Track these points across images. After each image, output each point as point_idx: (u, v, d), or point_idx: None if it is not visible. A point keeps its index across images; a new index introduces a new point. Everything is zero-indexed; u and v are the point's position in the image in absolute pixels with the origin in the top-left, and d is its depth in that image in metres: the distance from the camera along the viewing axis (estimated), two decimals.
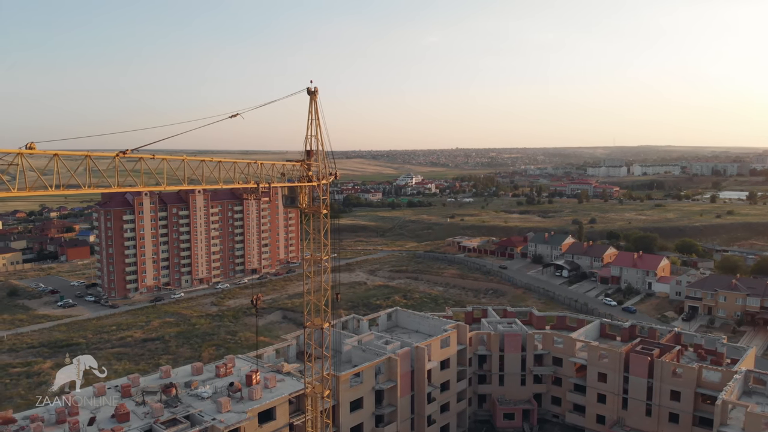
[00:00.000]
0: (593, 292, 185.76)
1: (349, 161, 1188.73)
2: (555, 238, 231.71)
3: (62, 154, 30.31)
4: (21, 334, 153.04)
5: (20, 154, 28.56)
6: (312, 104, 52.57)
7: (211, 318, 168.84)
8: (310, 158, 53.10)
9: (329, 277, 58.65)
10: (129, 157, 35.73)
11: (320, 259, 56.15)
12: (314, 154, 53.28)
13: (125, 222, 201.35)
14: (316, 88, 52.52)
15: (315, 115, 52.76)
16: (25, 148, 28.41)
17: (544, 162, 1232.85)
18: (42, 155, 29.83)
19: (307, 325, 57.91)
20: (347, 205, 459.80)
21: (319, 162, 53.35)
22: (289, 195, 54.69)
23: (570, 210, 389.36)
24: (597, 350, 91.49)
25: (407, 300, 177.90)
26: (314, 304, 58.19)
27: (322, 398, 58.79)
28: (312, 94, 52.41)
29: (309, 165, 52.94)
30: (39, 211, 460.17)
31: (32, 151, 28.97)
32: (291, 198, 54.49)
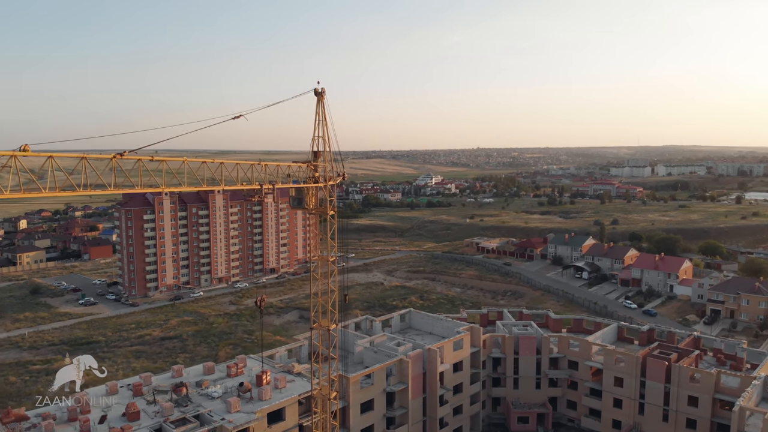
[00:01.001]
0: (613, 294, 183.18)
1: (369, 161, 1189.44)
2: (575, 240, 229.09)
3: (57, 156, 30.54)
4: (42, 332, 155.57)
5: (13, 156, 28.82)
6: (319, 105, 52.34)
7: (228, 317, 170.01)
8: (317, 159, 52.87)
9: (336, 279, 58.34)
10: (127, 158, 35.84)
11: (327, 260, 55.81)
12: (321, 155, 53.02)
13: (146, 221, 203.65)
14: (323, 89, 52.30)
15: (322, 116, 52.51)
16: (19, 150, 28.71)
17: (566, 162, 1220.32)
18: (36, 157, 30.04)
19: (314, 326, 57.73)
20: (366, 205, 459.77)
21: (325, 163, 53.08)
22: (297, 196, 54.54)
23: (592, 211, 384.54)
24: (613, 354, 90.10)
25: (424, 301, 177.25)
26: (321, 306, 57.98)
27: (328, 400, 58.52)
28: (319, 95, 52.18)
29: (316, 166, 52.69)
30: (64, 210, 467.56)
31: (26, 153, 29.19)
32: (298, 199, 54.35)
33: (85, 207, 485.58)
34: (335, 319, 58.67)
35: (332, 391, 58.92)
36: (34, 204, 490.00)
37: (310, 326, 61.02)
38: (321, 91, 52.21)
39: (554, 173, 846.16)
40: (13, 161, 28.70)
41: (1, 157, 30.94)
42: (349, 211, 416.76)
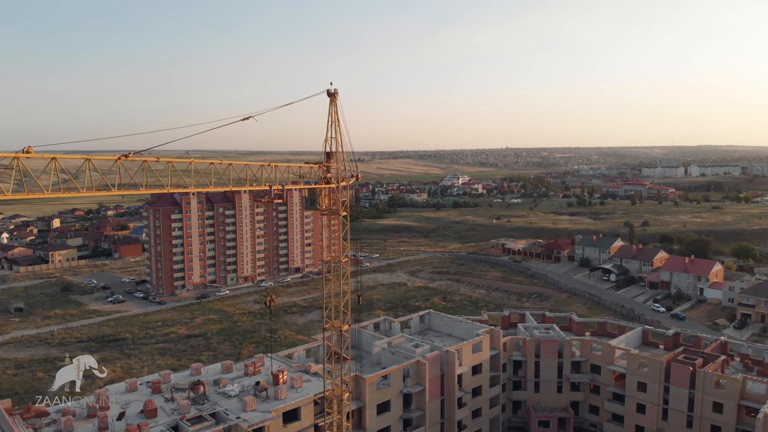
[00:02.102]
0: (641, 297, 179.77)
1: (396, 161, 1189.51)
2: (603, 241, 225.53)
3: (60, 158, 31.06)
4: (71, 329, 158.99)
5: (16, 157, 29.39)
6: (332, 106, 52.29)
7: (253, 316, 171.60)
8: (329, 160, 52.85)
9: (349, 280, 58.30)
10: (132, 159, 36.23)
11: (339, 260, 55.77)
12: (334, 155, 53.00)
13: (173, 221, 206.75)
14: (335, 90, 52.23)
15: (335, 117, 52.44)
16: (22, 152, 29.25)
17: (597, 162, 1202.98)
18: (40, 158, 30.61)
19: (326, 327, 57.78)
20: (392, 205, 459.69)
21: (338, 164, 53.03)
22: (309, 197, 54.64)
23: (622, 212, 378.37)
24: (637, 359, 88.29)
25: (447, 302, 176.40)
26: (334, 306, 57.98)
27: (341, 401, 58.46)
28: (332, 96, 52.13)
29: (328, 167, 52.67)
30: (97, 209, 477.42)
31: (29, 155, 29.72)
32: (311, 200, 54.44)
33: (117, 206, 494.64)
34: (348, 320, 58.57)
35: (345, 392, 58.81)
36: (68, 203, 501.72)
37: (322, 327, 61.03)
38: (334, 92, 52.16)
39: (584, 173, 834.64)
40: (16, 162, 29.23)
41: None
42: (374, 212, 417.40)
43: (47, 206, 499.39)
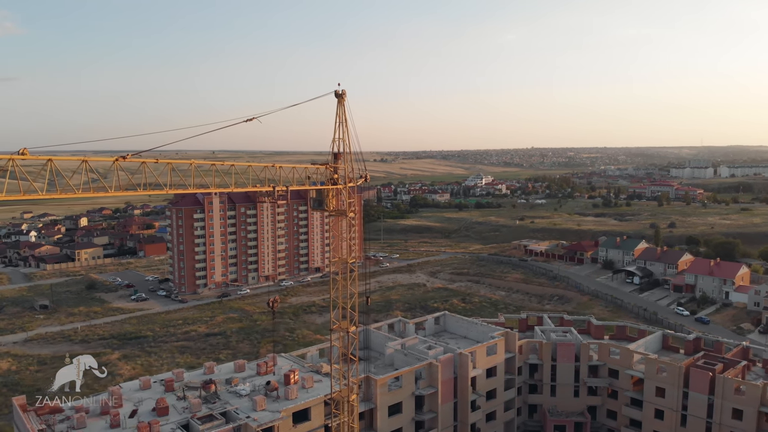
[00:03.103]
0: (665, 300, 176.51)
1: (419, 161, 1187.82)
2: (627, 243, 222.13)
3: (56, 159, 31.38)
4: (94, 326, 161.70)
5: (12, 159, 29.76)
6: (340, 107, 52.11)
7: (272, 315, 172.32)
8: (337, 161, 52.72)
9: (356, 281, 58.16)
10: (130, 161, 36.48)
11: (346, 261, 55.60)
12: (341, 156, 52.85)
13: (196, 220, 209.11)
14: (344, 91, 52.01)
15: (343, 117, 52.26)
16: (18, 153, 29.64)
17: (625, 162, 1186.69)
18: (36, 160, 30.93)
19: (333, 328, 57.71)
20: (414, 205, 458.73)
21: (345, 165, 52.87)
22: (317, 198, 54.57)
23: (649, 213, 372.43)
24: (655, 363, 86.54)
25: (466, 304, 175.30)
26: (341, 308, 57.89)
27: (347, 402, 58.31)
28: (339, 97, 51.91)
29: (335, 168, 52.54)
30: (124, 208, 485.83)
31: (24, 156, 30.06)
32: (318, 201, 54.36)
33: (144, 205, 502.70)
34: (355, 321, 58.43)
35: (352, 393, 58.65)
36: (95, 202, 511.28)
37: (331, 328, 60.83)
38: (341, 93, 51.97)
39: (611, 174, 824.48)
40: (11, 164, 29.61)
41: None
42: (396, 212, 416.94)
43: (76, 205, 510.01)
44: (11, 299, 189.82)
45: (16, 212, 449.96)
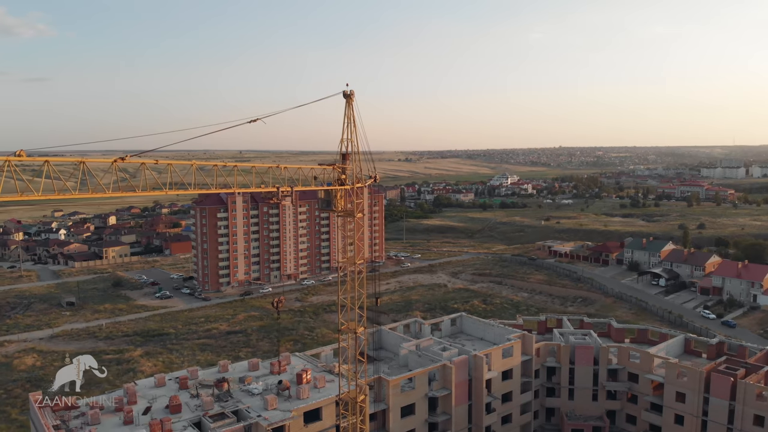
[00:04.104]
0: (691, 303, 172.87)
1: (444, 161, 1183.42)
2: (653, 245, 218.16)
3: (53, 161, 31.74)
4: (118, 323, 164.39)
5: (8, 161, 30.19)
6: (348, 107, 51.99)
7: (293, 313, 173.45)
8: (345, 161, 52.61)
9: (364, 282, 58.01)
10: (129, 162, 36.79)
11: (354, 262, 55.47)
12: (350, 157, 52.73)
13: (219, 219, 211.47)
14: (352, 92, 51.90)
15: (351, 118, 52.12)
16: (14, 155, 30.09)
17: (654, 162, 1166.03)
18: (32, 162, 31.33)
19: (341, 328, 57.62)
20: (437, 205, 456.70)
21: (353, 165, 52.72)
22: (325, 198, 54.55)
23: (677, 214, 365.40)
24: (676, 368, 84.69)
25: (487, 305, 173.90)
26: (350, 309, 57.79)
27: (356, 403, 58.17)
28: (348, 98, 51.82)
29: (344, 168, 52.43)
30: (152, 207, 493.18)
31: (21, 158, 30.49)
32: (326, 201, 54.33)
33: (172, 204, 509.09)
34: (363, 322, 58.27)
35: (360, 395, 58.49)
36: (124, 201, 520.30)
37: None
38: (350, 93, 51.86)
39: (640, 174, 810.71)
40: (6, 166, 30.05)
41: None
42: (419, 212, 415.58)
43: (106, 204, 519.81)
44: (39, 296, 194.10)
45: (47, 210, 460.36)
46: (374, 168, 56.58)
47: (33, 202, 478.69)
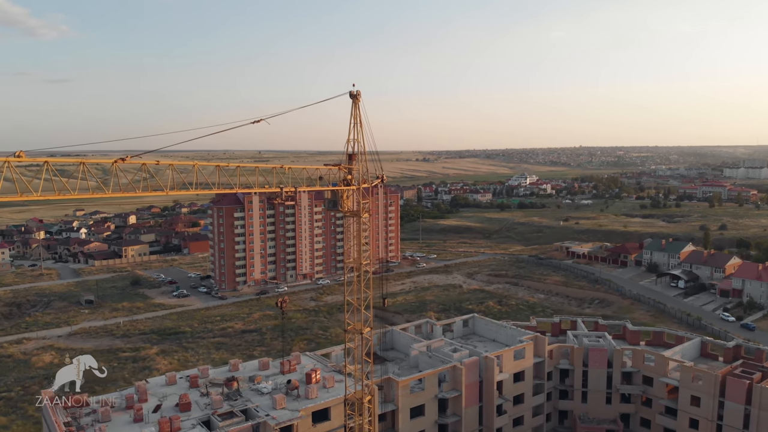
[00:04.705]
0: (711, 305, 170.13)
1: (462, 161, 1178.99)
2: (673, 246, 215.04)
3: (52, 161, 32.10)
4: (136, 321, 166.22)
5: (7, 161, 30.57)
6: (354, 108, 51.94)
7: (307, 313, 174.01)
8: (351, 162, 52.59)
9: (371, 282, 57.99)
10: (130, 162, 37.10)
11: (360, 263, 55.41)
12: (356, 157, 52.71)
13: (236, 219, 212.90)
14: (358, 92, 51.86)
15: (357, 118, 52.06)
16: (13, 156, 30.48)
17: (677, 162, 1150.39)
18: (31, 162, 31.75)
19: (347, 329, 57.59)
20: (454, 205, 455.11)
21: (359, 165, 52.67)
22: (332, 198, 54.59)
23: (699, 215, 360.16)
24: (691, 371, 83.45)
25: (502, 306, 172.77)
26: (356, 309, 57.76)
27: (362, 404, 58.12)
28: (354, 98, 51.79)
29: (350, 168, 52.40)
30: (172, 206, 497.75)
31: (20, 159, 30.88)
32: (333, 201, 54.37)
33: (191, 204, 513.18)
34: (370, 322, 58.22)
35: (367, 395, 58.43)
36: (144, 201, 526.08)
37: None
38: (356, 93, 51.82)
39: (662, 174, 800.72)
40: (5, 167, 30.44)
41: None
42: (435, 212, 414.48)
43: (127, 203, 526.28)
44: (59, 294, 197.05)
45: (69, 210, 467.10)
46: (381, 168, 56.52)
47: (33, 203, 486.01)
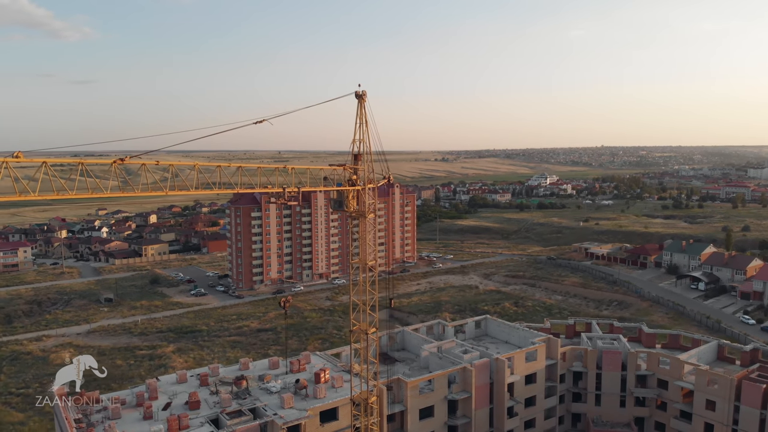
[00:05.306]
0: (731, 308, 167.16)
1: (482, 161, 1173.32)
2: (693, 247, 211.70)
3: (51, 162, 32.51)
4: (153, 319, 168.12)
5: (5, 161, 31.03)
6: (360, 108, 51.97)
7: (322, 312, 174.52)
8: (357, 162, 52.60)
9: (376, 283, 57.97)
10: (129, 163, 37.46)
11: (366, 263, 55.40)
12: (362, 157, 52.72)
13: (253, 218, 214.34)
14: (364, 92, 51.89)
15: (363, 118, 52.08)
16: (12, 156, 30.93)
17: (700, 162, 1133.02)
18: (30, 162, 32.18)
19: (353, 329, 57.62)
20: (472, 205, 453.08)
21: (365, 165, 52.65)
22: (337, 198, 54.63)
23: (722, 216, 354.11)
24: (706, 375, 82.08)
25: (518, 308, 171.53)
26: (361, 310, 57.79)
27: (367, 404, 58.10)
28: (360, 98, 51.82)
29: (355, 169, 52.40)
30: (193, 206, 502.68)
31: (18, 159, 31.32)
32: (338, 201, 54.41)
33: (212, 203, 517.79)
34: (375, 323, 58.18)
35: (372, 396, 58.39)
36: (166, 200, 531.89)
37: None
38: (362, 93, 51.83)
39: (685, 174, 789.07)
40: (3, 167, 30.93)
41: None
42: (453, 212, 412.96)
43: (148, 203, 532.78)
44: (79, 292, 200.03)
45: (91, 209, 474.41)
46: (388, 168, 56.44)
47: (33, 203, 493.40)
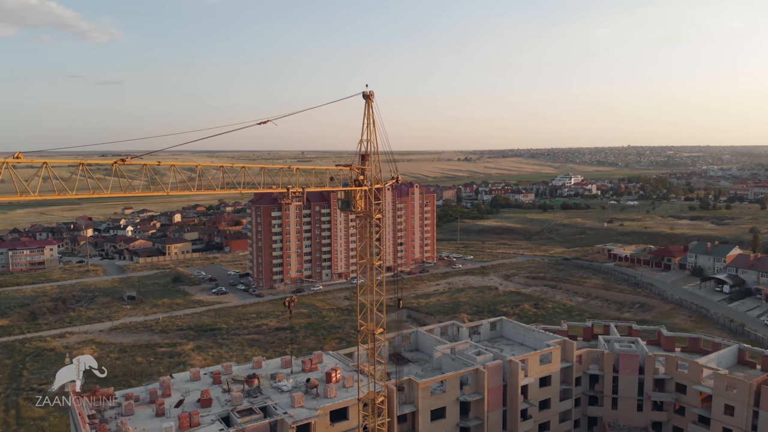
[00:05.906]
0: (756, 311, 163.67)
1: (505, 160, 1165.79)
2: (718, 249, 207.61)
3: (51, 162, 33.09)
4: (174, 317, 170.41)
5: (6, 162, 31.67)
6: (367, 108, 51.99)
7: (340, 312, 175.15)
8: (364, 162, 52.66)
9: (384, 283, 57.99)
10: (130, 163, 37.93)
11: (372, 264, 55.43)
12: (369, 158, 52.75)
13: (273, 218, 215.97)
14: (371, 92, 51.88)
15: (371, 119, 52.10)
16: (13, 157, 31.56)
17: (729, 162, 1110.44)
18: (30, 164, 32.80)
19: (360, 329, 57.69)
20: (495, 205, 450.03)
21: (372, 166, 52.67)
22: (345, 199, 54.74)
23: (750, 217, 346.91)
24: (724, 379, 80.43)
25: (538, 309, 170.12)
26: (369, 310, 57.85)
27: (374, 405, 58.15)
28: (367, 98, 51.83)
29: (362, 169, 52.46)
30: (217, 205, 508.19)
31: (19, 160, 31.94)
32: (346, 202, 54.52)
33: (236, 203, 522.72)
34: (382, 323, 58.20)
35: (379, 396, 58.41)
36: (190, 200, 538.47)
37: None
38: (369, 93, 51.84)
39: (713, 174, 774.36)
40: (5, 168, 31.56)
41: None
42: (475, 212, 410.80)
43: (173, 202, 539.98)
44: (103, 290, 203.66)
45: (118, 208, 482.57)
46: (396, 168, 56.37)
47: (33, 203, 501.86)
